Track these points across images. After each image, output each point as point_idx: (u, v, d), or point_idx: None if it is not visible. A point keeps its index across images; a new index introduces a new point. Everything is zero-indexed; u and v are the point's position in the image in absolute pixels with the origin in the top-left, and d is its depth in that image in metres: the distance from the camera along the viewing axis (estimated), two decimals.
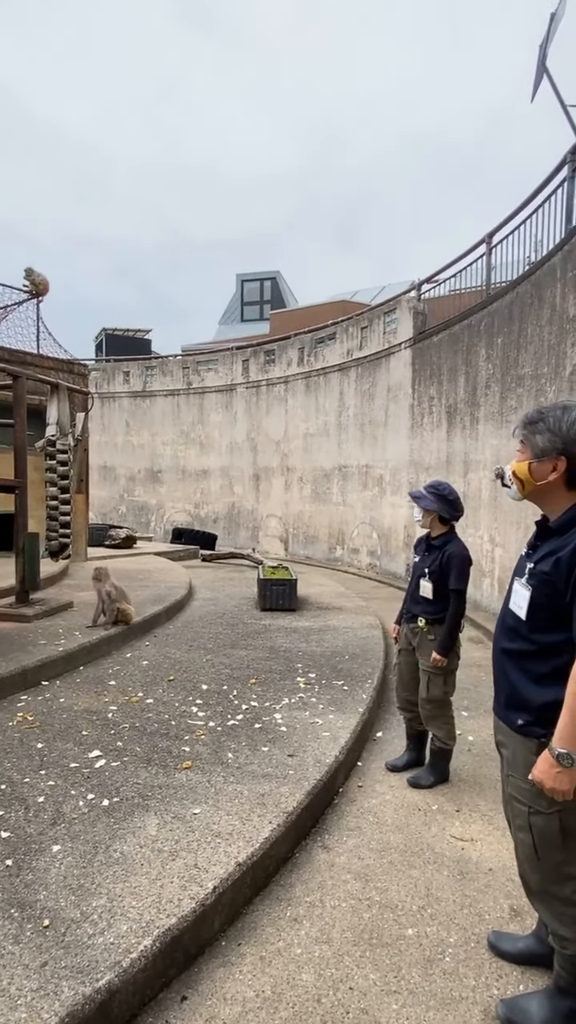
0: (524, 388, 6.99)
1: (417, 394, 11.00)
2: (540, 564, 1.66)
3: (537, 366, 6.64)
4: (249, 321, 30.62)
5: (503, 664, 1.78)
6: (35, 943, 1.78)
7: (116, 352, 22.84)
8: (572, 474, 1.63)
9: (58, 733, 3.41)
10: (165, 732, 3.42)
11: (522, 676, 1.71)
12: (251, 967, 1.92)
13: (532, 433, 1.69)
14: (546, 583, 1.62)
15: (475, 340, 8.66)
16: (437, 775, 3.20)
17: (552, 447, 1.64)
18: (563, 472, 1.63)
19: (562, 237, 6.24)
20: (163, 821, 2.46)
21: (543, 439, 1.65)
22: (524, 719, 1.69)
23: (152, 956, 1.77)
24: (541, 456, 1.66)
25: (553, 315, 6.24)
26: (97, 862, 2.18)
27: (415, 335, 11.22)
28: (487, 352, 8.22)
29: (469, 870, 2.44)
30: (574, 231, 5.82)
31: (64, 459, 6.42)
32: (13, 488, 5.80)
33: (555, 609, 1.61)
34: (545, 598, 1.62)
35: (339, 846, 2.59)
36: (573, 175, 6.30)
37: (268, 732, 3.43)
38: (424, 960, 1.95)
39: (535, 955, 1.93)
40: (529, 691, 1.68)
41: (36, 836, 2.35)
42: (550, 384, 6.27)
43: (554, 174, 6.63)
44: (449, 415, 9.62)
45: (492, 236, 8.63)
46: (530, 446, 1.69)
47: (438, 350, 10.16)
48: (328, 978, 1.87)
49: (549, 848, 1.66)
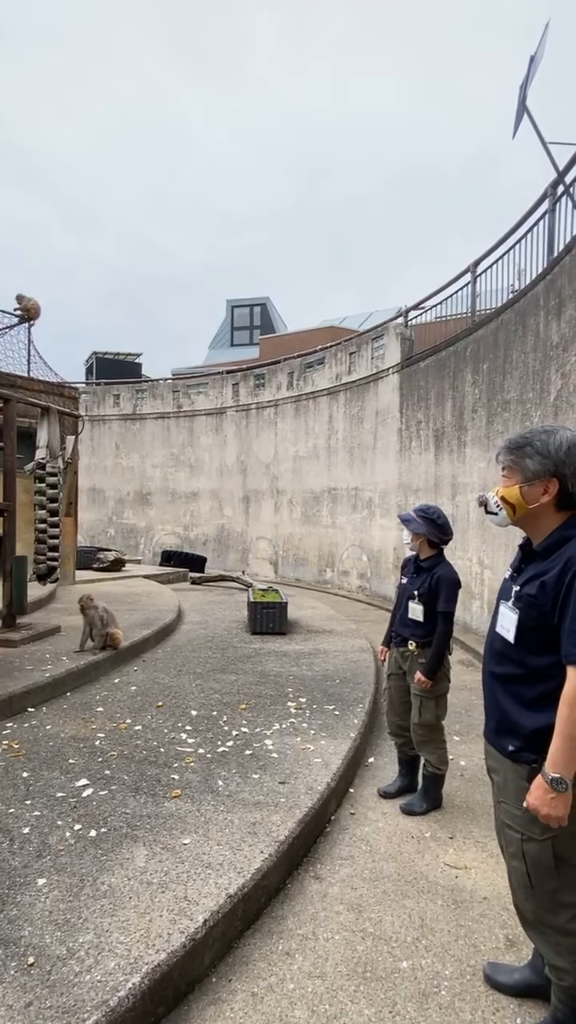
0: (510, 412, 7.11)
1: (405, 418, 11.14)
2: (526, 587, 1.66)
3: (522, 391, 6.76)
4: (239, 346, 30.98)
5: (492, 688, 1.78)
6: (19, 982, 1.72)
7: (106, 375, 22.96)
8: (563, 495, 1.65)
9: (44, 761, 3.34)
10: (154, 759, 3.36)
11: (512, 701, 1.70)
12: (242, 1004, 1.86)
13: (521, 457, 1.69)
14: (533, 606, 1.62)
15: (461, 366, 8.82)
16: (430, 801, 3.17)
17: (544, 469, 1.65)
18: (555, 494, 1.65)
19: (544, 267, 6.43)
20: (152, 852, 2.41)
21: (534, 462, 1.66)
22: (515, 744, 1.68)
23: (140, 994, 1.72)
24: (532, 479, 1.67)
25: (537, 342, 6.38)
26: (84, 895, 2.12)
27: (403, 360, 11.41)
28: (473, 377, 8.37)
29: (464, 899, 2.41)
30: (556, 261, 6.00)
31: (54, 482, 6.41)
32: (2, 511, 5.77)
33: (543, 632, 1.61)
34: (533, 621, 1.63)
35: (332, 876, 2.55)
36: (554, 208, 6.51)
37: (259, 759, 3.38)
38: (419, 994, 1.91)
39: (532, 987, 1.89)
40: (519, 716, 1.67)
41: (21, 869, 2.29)
42: (535, 409, 6.38)
43: (536, 206, 6.85)
44: (437, 439, 9.74)
45: (477, 265, 8.85)
46: (519, 470, 1.70)
47: (425, 375, 10.33)
48: (322, 1014, 1.82)
49: (543, 876, 1.64)
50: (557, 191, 6.40)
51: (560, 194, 6.37)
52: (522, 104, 6.59)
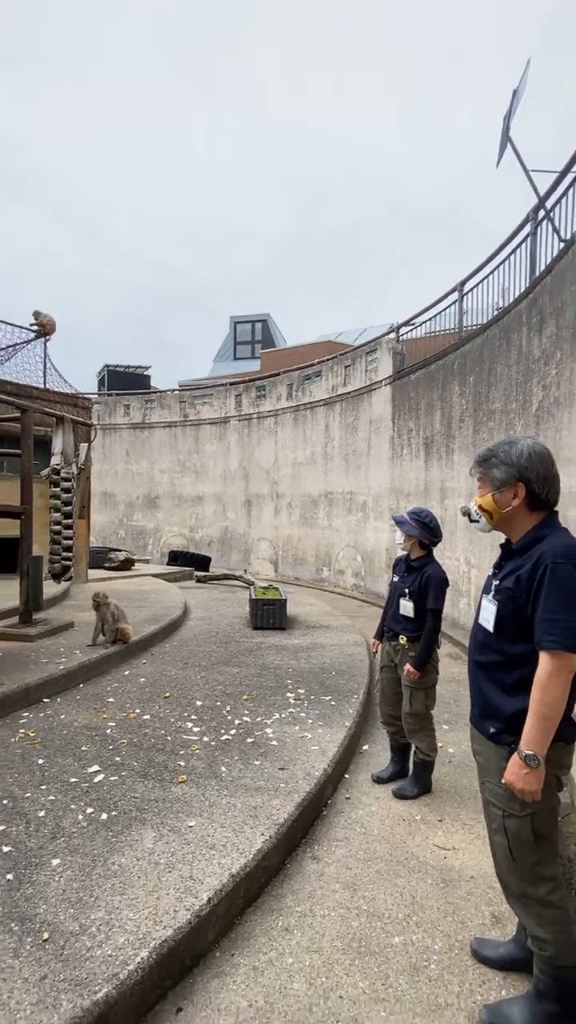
0: (495, 422, 7.12)
1: (397, 427, 11.15)
2: (504, 581, 1.71)
3: (506, 402, 6.77)
4: (242, 359, 31.01)
5: (476, 676, 1.81)
6: (35, 956, 1.72)
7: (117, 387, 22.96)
8: (531, 497, 1.70)
9: (58, 749, 3.33)
10: (161, 747, 3.36)
11: (493, 687, 1.73)
12: (244, 977, 1.86)
13: (488, 468, 1.77)
14: (510, 598, 1.67)
15: (449, 378, 8.83)
16: (420, 786, 3.16)
17: (510, 476, 1.71)
18: (524, 497, 1.70)
19: (527, 286, 6.44)
20: (160, 834, 2.40)
21: (500, 471, 1.73)
22: (496, 727, 1.71)
23: (149, 968, 1.71)
24: (501, 486, 1.73)
25: (520, 356, 6.39)
26: (96, 875, 2.12)
27: (394, 373, 11.42)
28: (460, 389, 8.38)
29: (452, 878, 2.40)
30: (537, 281, 6.01)
31: (68, 487, 6.40)
32: (19, 514, 5.77)
33: (519, 622, 1.65)
34: (510, 612, 1.67)
35: (328, 856, 2.54)
36: (536, 231, 6.53)
37: (260, 746, 3.38)
38: (411, 968, 1.91)
39: (516, 960, 1.90)
40: (500, 701, 1.70)
41: (36, 850, 2.28)
42: (518, 418, 6.39)
43: (518, 230, 6.87)
44: (427, 446, 9.75)
45: (464, 284, 8.87)
46: (489, 480, 1.77)
47: (416, 387, 10.34)
48: (319, 987, 1.82)
49: (523, 850, 1.66)
50: (538, 215, 6.43)
51: (541, 218, 6.39)
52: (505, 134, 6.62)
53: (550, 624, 1.55)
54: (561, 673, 1.53)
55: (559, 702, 1.53)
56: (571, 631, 1.53)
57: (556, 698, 1.53)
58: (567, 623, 1.53)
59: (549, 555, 1.60)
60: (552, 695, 1.52)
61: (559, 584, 1.56)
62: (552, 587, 1.56)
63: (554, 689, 1.52)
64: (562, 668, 1.53)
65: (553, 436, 5.26)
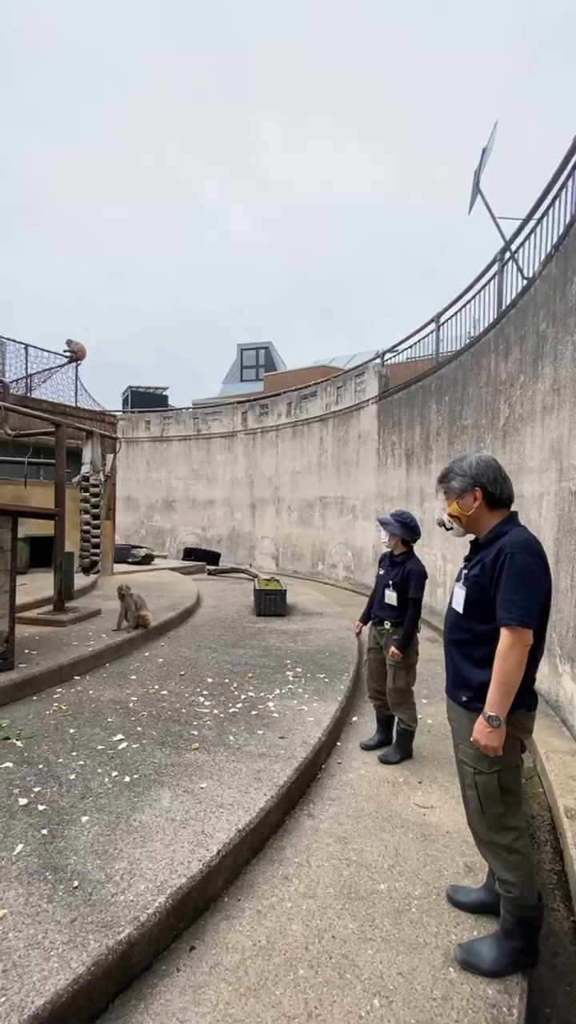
0: (467, 436, 7.12)
1: (382, 440, 11.15)
2: (472, 570, 1.74)
3: (477, 418, 6.77)
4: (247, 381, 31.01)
5: (450, 652, 1.83)
6: (66, 902, 1.72)
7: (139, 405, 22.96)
8: (488, 497, 1.75)
9: (87, 720, 3.33)
10: (177, 719, 3.35)
11: (465, 661, 1.75)
12: (249, 920, 1.85)
13: (448, 482, 1.84)
14: (477, 584, 1.70)
15: (428, 398, 8.83)
16: (403, 752, 3.15)
17: (466, 483, 1.78)
18: (482, 498, 1.76)
19: (495, 318, 6.45)
20: (175, 794, 2.40)
21: (457, 482, 1.80)
22: (467, 696, 1.72)
23: (166, 912, 1.71)
24: (462, 494, 1.79)
25: (489, 379, 6.40)
26: (120, 830, 2.11)
27: (380, 393, 11.42)
28: (437, 407, 8.38)
29: (430, 833, 2.40)
30: (504, 314, 6.02)
31: (96, 492, 6.40)
32: (53, 515, 5.75)
33: (485, 605, 1.68)
34: (476, 596, 1.70)
35: (322, 814, 2.54)
36: (502, 271, 6.54)
37: (263, 718, 3.37)
38: (394, 911, 1.90)
39: (486, 904, 1.89)
40: (470, 672, 1.72)
41: (68, 809, 2.28)
42: (488, 433, 6.39)
43: (487, 269, 6.88)
44: (408, 457, 9.74)
45: (440, 316, 8.88)
46: (451, 491, 1.83)
47: (399, 405, 10.34)
48: (314, 928, 1.81)
49: (491, 802, 1.66)
50: (505, 257, 6.44)
51: (507, 259, 6.40)
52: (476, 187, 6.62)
53: (508, 604, 1.58)
54: (518, 646, 1.56)
55: (517, 671, 1.56)
56: (526, 609, 1.56)
57: (514, 667, 1.56)
58: (522, 603, 1.57)
59: (508, 546, 1.63)
60: (511, 664, 1.55)
61: (516, 570, 1.59)
62: (510, 573, 1.60)
63: (512, 660, 1.55)
64: (518, 642, 1.56)
65: (518, 448, 5.26)
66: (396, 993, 1.57)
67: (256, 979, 1.60)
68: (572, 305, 3.98)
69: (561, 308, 4.22)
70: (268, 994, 1.55)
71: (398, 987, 1.59)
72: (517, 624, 1.55)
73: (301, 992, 1.56)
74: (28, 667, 3.99)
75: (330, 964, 1.66)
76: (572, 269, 4.00)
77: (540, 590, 1.60)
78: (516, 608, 1.56)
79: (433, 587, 7.96)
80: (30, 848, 2.00)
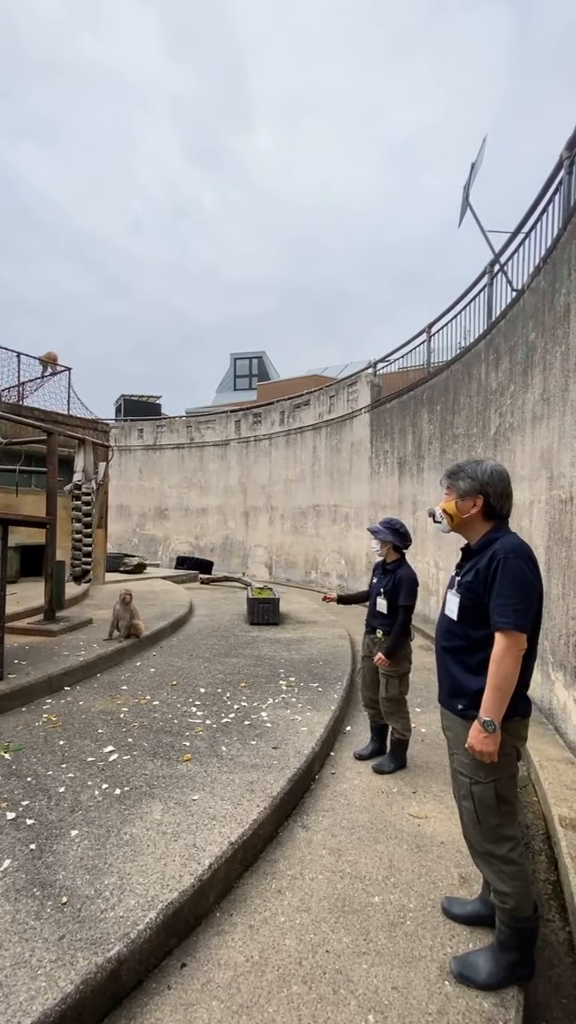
0: (459, 444, 7.18)
1: (375, 448, 11.21)
2: (465, 577, 1.74)
3: (468, 427, 6.84)
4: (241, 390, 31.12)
5: (444, 660, 1.82)
6: (54, 918, 1.68)
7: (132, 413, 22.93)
8: (487, 508, 1.76)
9: (77, 731, 3.28)
10: (169, 729, 3.31)
11: (459, 668, 1.74)
12: (242, 935, 1.82)
13: (456, 480, 1.82)
14: (470, 590, 1.70)
15: (419, 407, 8.90)
16: (397, 762, 3.14)
17: (473, 488, 1.76)
18: (481, 507, 1.76)
19: (485, 328, 6.54)
20: (167, 807, 2.36)
21: (465, 483, 1.78)
22: (463, 704, 1.71)
23: (156, 928, 1.67)
24: (464, 496, 1.78)
25: (479, 388, 6.47)
26: (110, 844, 2.07)
27: (372, 402, 11.51)
28: (429, 416, 8.45)
29: (425, 843, 2.38)
30: (493, 325, 6.11)
31: (88, 500, 6.37)
32: (45, 524, 5.71)
33: (478, 610, 1.68)
34: (470, 602, 1.70)
35: (316, 825, 2.51)
36: (491, 282, 6.65)
37: (256, 728, 3.34)
38: (389, 924, 1.88)
39: (481, 916, 1.87)
40: (465, 680, 1.71)
41: (57, 822, 2.24)
42: (479, 441, 6.45)
43: (477, 281, 6.98)
44: (400, 465, 9.80)
45: (431, 327, 8.99)
46: (455, 489, 1.81)
47: (391, 414, 10.42)
48: (308, 942, 1.78)
49: (487, 813, 1.65)
50: (494, 269, 6.54)
51: (496, 271, 6.51)
52: (466, 201, 6.74)
53: (502, 608, 1.58)
54: (512, 650, 1.56)
55: (512, 675, 1.56)
56: (521, 613, 1.56)
57: (509, 671, 1.55)
58: (517, 607, 1.57)
59: (501, 551, 1.64)
60: (505, 669, 1.55)
61: (509, 575, 1.60)
62: (504, 577, 1.60)
63: (507, 664, 1.55)
64: (513, 646, 1.56)
65: (508, 456, 5.31)
66: (391, 1008, 1.54)
67: (249, 996, 1.57)
68: (560, 316, 4.04)
69: (550, 319, 4.29)
70: (261, 1011, 1.52)
71: (393, 1002, 1.57)
72: (512, 628, 1.56)
73: (294, 1009, 1.53)
74: (17, 678, 3.93)
75: (324, 979, 1.64)
76: (560, 281, 4.07)
77: (533, 594, 1.61)
78: (511, 612, 1.57)
79: (426, 595, 7.97)
80: (17, 863, 1.96)
